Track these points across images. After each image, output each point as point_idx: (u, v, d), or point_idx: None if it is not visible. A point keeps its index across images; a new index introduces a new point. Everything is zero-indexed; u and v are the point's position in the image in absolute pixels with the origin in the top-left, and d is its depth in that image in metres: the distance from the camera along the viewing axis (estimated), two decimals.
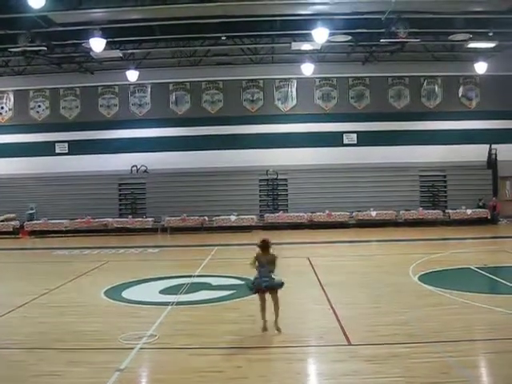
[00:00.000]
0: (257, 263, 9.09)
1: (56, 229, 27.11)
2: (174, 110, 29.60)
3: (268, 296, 9.13)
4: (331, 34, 21.19)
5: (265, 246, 9.23)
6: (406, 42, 22.73)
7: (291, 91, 29.38)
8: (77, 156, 28.99)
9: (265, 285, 9.00)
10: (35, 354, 8.17)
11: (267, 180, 28.78)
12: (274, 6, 20.04)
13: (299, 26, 21.78)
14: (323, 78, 29.11)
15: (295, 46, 24.37)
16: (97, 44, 20.73)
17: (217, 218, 27.29)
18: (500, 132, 28.25)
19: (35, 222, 27.59)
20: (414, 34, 21.99)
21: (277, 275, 9.19)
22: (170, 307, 10.88)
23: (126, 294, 12.54)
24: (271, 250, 9.26)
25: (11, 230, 27.29)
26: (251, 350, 8.21)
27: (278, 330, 8.98)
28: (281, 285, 9.15)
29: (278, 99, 29.47)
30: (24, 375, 7.25)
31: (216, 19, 21.12)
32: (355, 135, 28.97)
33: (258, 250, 9.25)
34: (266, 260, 9.08)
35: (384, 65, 28.01)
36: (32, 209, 27.87)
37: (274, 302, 9.09)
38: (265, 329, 9.02)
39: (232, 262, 17.11)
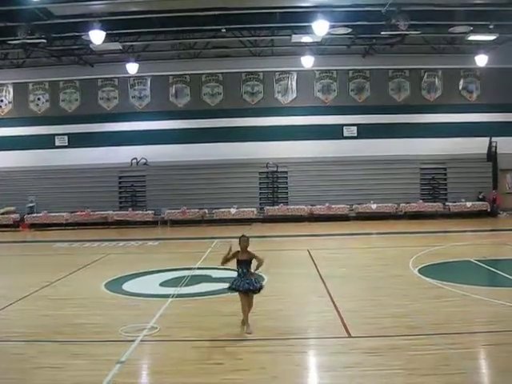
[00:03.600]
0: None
1: (56, 222, 27.15)
2: (173, 103, 29.57)
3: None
4: (331, 27, 21.18)
5: (246, 242, 8.84)
6: (407, 34, 22.67)
7: (291, 84, 29.33)
8: (77, 149, 28.97)
9: (246, 288, 8.65)
10: (36, 346, 8.18)
11: (267, 173, 28.78)
12: None
13: (299, 19, 21.76)
14: (323, 70, 29.07)
15: (295, 38, 24.34)
16: (96, 36, 20.69)
17: (217, 210, 27.31)
18: (500, 125, 28.23)
19: (35, 214, 27.63)
20: (414, 27, 21.92)
21: (261, 272, 9.01)
22: (170, 300, 10.89)
23: (126, 286, 12.55)
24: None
25: (11, 222, 27.35)
26: (251, 342, 8.21)
27: (246, 329, 8.66)
28: (259, 289, 8.78)
29: (278, 92, 29.43)
30: (25, 368, 7.26)
31: (216, 11, 21.09)
32: (355, 128, 28.96)
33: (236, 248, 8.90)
34: (245, 259, 8.76)
35: (384, 57, 27.97)
36: (32, 202, 27.90)
37: (248, 303, 8.74)
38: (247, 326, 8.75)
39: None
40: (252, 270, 8.77)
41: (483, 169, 28.44)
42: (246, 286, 8.64)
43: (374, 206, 27.33)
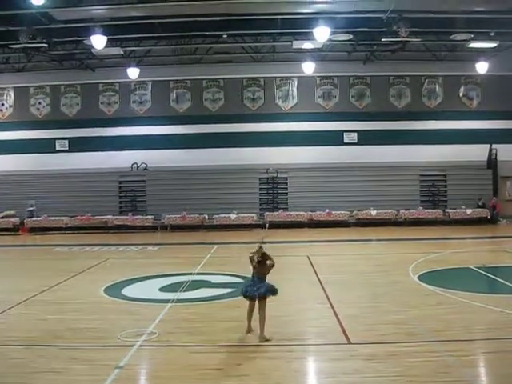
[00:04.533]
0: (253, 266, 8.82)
1: (56, 226, 27.13)
2: (174, 108, 29.58)
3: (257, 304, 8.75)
4: (332, 33, 21.19)
5: (264, 259, 8.78)
6: (407, 41, 22.73)
7: (292, 90, 29.36)
8: (77, 153, 28.97)
9: (257, 293, 8.62)
10: (35, 350, 8.17)
11: (267, 178, 28.79)
12: (275, 4, 20.06)
13: (300, 25, 21.79)
14: (324, 76, 29.10)
15: (296, 44, 24.37)
16: (98, 41, 20.72)
17: (217, 216, 27.31)
18: (500, 132, 28.24)
19: (35, 218, 27.60)
20: (415, 34, 22.01)
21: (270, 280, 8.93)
22: (169, 305, 10.89)
23: (125, 291, 12.54)
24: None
25: (11, 226, 27.33)
26: (251, 348, 8.22)
27: (266, 339, 8.51)
28: (273, 291, 8.73)
29: (279, 98, 29.45)
30: (23, 372, 7.25)
31: (217, 17, 21.13)
32: (356, 134, 28.96)
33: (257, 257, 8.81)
34: (263, 271, 8.75)
35: (385, 64, 27.98)
36: (32, 206, 27.88)
37: (260, 311, 8.64)
38: (249, 330, 8.84)
39: (232, 260, 17.11)
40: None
41: (483, 176, 28.40)
42: (257, 291, 8.64)
43: (373, 213, 27.32)
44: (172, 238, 24.87)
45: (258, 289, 8.63)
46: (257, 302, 8.69)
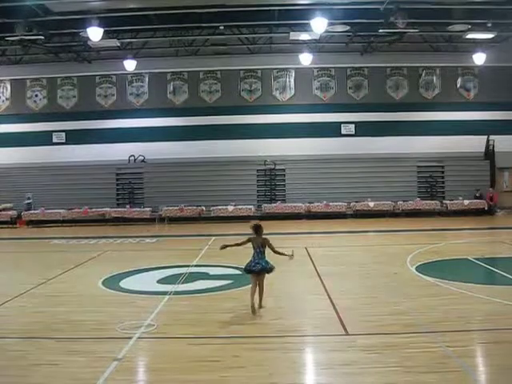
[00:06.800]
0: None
1: (53, 218, 27.10)
2: (171, 100, 29.51)
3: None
4: (330, 24, 21.12)
5: (257, 229, 9.91)
6: (405, 32, 22.73)
7: (289, 81, 29.29)
8: (74, 146, 28.91)
9: (257, 268, 9.57)
10: (33, 343, 8.17)
11: (265, 170, 28.78)
12: None
13: (297, 16, 21.73)
14: (321, 68, 29.03)
15: (293, 35, 24.34)
16: (94, 33, 20.63)
17: (214, 208, 27.31)
18: (498, 123, 28.21)
19: (32, 211, 27.57)
20: (412, 25, 21.95)
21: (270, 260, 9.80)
22: (167, 297, 10.91)
23: (123, 283, 12.55)
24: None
25: (8, 219, 27.28)
26: (248, 340, 8.23)
27: (261, 307, 9.68)
28: (270, 269, 9.71)
29: (276, 89, 29.39)
30: (22, 365, 7.25)
31: (214, 8, 21.04)
32: (353, 125, 28.93)
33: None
34: (258, 243, 9.76)
35: (382, 55, 27.93)
36: (29, 198, 27.84)
37: (260, 285, 9.65)
38: (253, 311, 9.41)
39: (230, 251, 17.05)
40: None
41: (481, 167, 28.43)
42: (256, 266, 9.61)
43: (371, 204, 27.33)
44: (170, 230, 24.89)
45: (255, 264, 9.60)
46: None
